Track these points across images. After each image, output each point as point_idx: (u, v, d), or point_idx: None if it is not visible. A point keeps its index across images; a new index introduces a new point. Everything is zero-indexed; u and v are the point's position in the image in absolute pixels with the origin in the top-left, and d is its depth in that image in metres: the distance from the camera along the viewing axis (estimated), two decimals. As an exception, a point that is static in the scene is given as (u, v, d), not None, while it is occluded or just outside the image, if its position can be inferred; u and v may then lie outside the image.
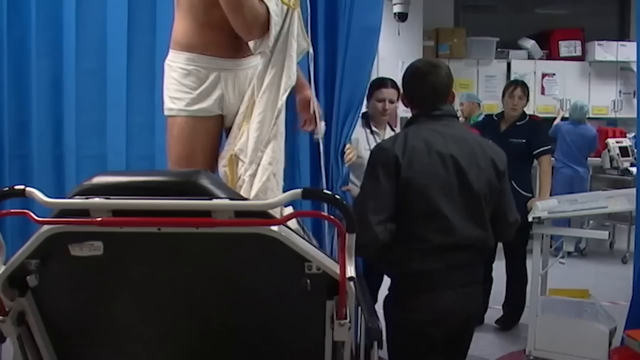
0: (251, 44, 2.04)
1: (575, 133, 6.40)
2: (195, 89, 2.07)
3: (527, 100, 4.47)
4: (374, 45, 2.96)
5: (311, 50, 2.26)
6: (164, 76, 2.16)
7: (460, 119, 5.79)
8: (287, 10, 2.01)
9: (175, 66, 2.10)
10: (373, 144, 3.60)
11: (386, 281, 3.10)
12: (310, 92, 2.33)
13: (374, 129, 3.49)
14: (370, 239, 2.02)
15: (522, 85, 4.50)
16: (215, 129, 2.15)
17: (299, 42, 2.07)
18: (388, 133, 3.73)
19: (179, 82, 2.09)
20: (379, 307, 2.12)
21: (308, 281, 1.52)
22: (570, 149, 6.37)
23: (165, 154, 2.21)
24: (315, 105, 2.33)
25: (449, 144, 2.13)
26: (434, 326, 2.11)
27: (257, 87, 2.06)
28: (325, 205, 2.54)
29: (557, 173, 6.28)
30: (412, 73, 2.25)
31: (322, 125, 2.39)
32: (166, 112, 2.14)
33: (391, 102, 3.63)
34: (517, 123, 4.37)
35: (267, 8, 1.95)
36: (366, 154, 3.49)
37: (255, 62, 2.12)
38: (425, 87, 2.19)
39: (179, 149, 2.09)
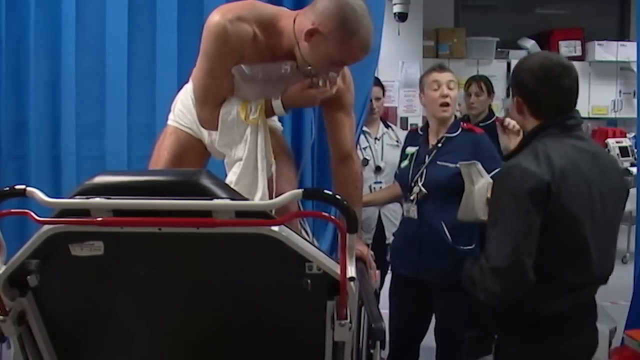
0: None
1: None
2: (186, 110, 2.12)
3: (490, 96, 3.98)
4: (372, 67, 2.95)
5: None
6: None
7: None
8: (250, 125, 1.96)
9: (185, 89, 2.16)
10: (365, 144, 3.61)
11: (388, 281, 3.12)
12: (367, 250, 2.24)
13: (364, 128, 3.49)
14: (525, 287, 1.78)
15: (479, 80, 4.02)
16: (197, 148, 2.14)
17: (267, 158, 1.98)
18: (382, 130, 3.73)
19: (182, 101, 2.15)
20: (381, 307, 2.11)
21: (309, 281, 1.52)
22: None
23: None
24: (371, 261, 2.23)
25: (591, 164, 1.84)
26: None
27: None
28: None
29: None
30: (538, 75, 1.88)
31: (377, 276, 2.23)
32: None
33: (377, 99, 3.63)
34: (480, 124, 3.72)
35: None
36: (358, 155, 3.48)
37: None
38: (560, 91, 1.87)
39: (162, 152, 2.13)
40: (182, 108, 2.13)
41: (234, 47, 1.88)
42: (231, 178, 1.97)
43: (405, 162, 2.91)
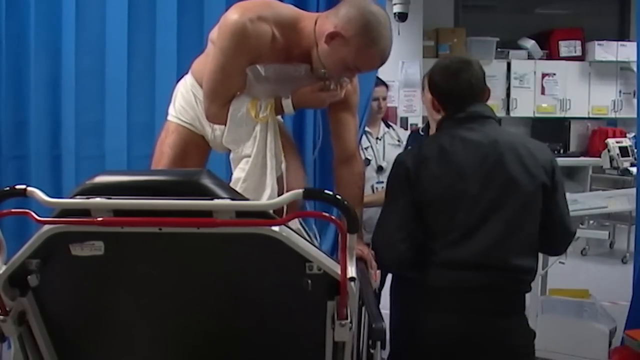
0: None
1: None
2: (188, 106, 2.14)
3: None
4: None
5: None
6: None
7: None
8: (260, 124, 1.95)
9: (185, 82, 2.17)
10: (366, 144, 3.61)
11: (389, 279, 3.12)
12: (368, 250, 2.19)
13: (366, 129, 3.48)
14: (395, 256, 1.99)
15: None
16: (199, 144, 2.15)
17: (277, 156, 1.98)
18: (383, 130, 3.74)
19: (182, 96, 2.16)
20: (382, 308, 2.11)
21: (309, 281, 1.51)
22: None
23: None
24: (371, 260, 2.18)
25: (469, 151, 1.95)
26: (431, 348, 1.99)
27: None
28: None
29: None
30: (441, 72, 2.07)
31: (377, 276, 2.19)
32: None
33: (383, 99, 3.65)
34: None
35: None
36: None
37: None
38: (457, 86, 2.02)
39: (165, 149, 2.14)
40: (184, 103, 2.13)
41: (252, 47, 1.87)
42: (239, 175, 1.97)
43: None
